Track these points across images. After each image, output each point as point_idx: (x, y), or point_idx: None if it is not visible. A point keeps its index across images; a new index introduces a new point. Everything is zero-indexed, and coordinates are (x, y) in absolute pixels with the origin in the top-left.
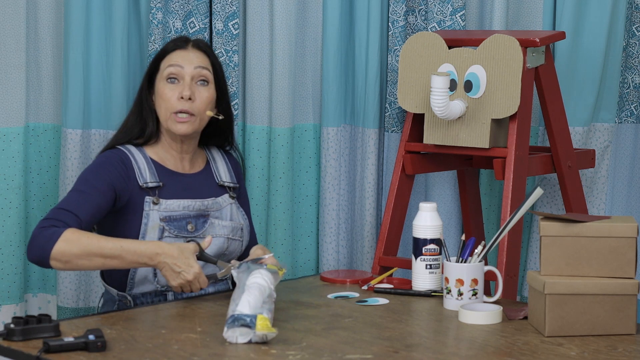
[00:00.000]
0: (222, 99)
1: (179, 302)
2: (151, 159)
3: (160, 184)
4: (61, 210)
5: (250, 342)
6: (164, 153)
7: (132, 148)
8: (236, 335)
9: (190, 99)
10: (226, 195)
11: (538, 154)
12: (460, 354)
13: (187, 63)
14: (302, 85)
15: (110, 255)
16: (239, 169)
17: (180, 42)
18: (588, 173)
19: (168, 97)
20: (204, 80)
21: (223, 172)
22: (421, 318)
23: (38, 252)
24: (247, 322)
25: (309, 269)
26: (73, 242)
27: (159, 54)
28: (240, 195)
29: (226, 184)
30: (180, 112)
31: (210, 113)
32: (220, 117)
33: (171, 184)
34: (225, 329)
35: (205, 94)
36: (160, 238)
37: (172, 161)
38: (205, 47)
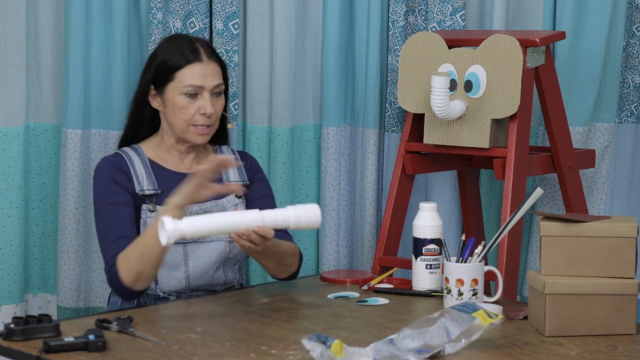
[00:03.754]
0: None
1: (179, 302)
2: (150, 160)
3: (159, 191)
4: (113, 242)
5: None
6: (165, 153)
7: (130, 152)
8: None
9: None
10: (232, 196)
11: (538, 154)
12: (460, 353)
13: (207, 80)
14: (302, 85)
15: (150, 254)
16: (252, 167)
17: (194, 54)
18: (588, 173)
19: (189, 112)
20: (219, 91)
21: (232, 171)
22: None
23: (118, 288)
24: (324, 340)
25: (309, 269)
26: (127, 264)
27: (172, 64)
28: (256, 193)
29: (233, 183)
30: (202, 125)
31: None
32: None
33: (171, 186)
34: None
35: (220, 103)
36: None
37: (173, 161)
38: (215, 52)
